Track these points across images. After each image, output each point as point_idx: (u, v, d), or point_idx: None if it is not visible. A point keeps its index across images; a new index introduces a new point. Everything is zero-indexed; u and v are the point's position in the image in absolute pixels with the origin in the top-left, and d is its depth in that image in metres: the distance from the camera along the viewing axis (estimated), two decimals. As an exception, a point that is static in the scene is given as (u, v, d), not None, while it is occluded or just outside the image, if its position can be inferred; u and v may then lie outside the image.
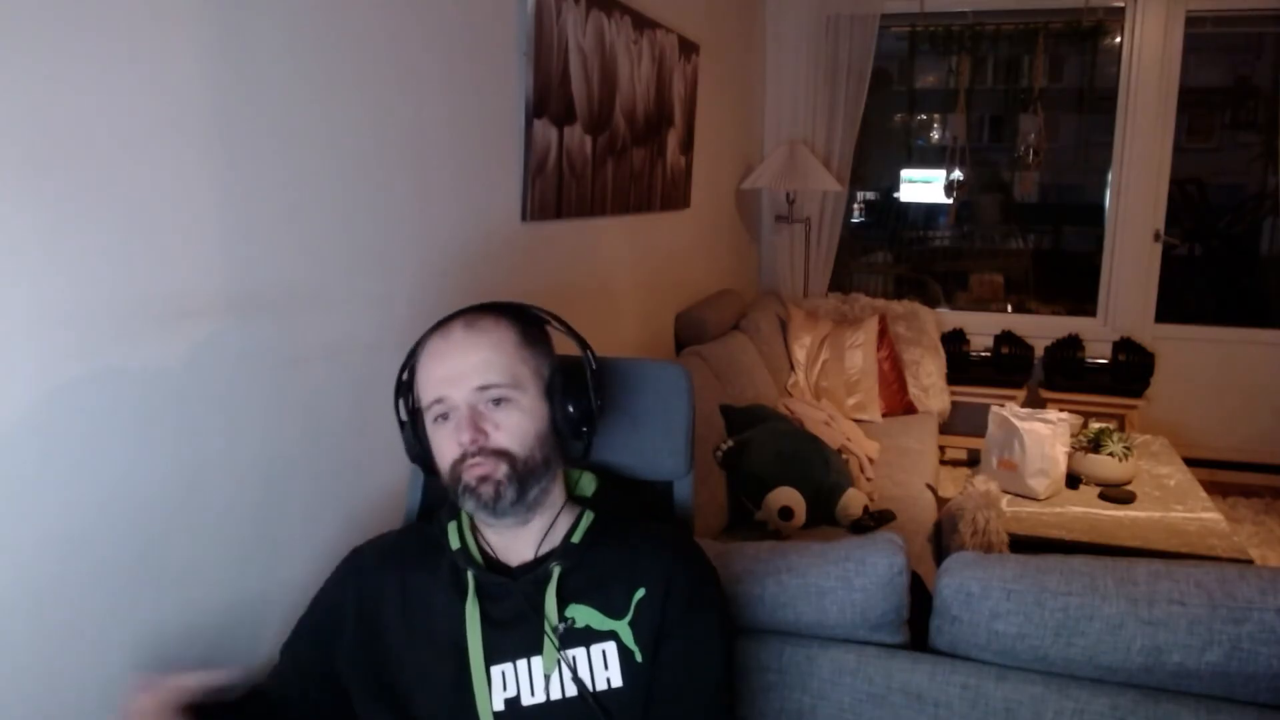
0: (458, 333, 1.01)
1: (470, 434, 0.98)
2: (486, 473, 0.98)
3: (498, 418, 0.99)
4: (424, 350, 1.03)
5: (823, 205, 4.23)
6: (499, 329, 1.02)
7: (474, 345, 1.00)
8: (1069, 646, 1.20)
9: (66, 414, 0.99)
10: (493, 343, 1.01)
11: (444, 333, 1.02)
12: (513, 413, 1.00)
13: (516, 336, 1.03)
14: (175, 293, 1.12)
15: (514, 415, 1.00)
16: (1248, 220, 4.97)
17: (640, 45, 2.56)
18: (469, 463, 0.98)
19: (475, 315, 1.04)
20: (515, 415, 1.00)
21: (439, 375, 1.00)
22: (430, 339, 1.03)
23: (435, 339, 1.03)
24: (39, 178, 0.94)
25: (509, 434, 0.99)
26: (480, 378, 0.99)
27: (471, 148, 1.80)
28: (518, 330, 1.04)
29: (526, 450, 1.00)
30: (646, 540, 1.07)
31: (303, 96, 1.31)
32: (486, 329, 1.02)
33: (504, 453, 0.99)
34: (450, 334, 1.02)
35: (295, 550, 1.35)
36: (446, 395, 0.99)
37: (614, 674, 1.00)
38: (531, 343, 1.05)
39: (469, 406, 0.99)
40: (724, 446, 2.52)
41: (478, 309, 1.05)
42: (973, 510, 2.22)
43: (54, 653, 1.00)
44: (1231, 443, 4.05)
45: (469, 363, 0.99)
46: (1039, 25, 4.19)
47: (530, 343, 1.04)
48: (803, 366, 3.67)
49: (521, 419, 1.00)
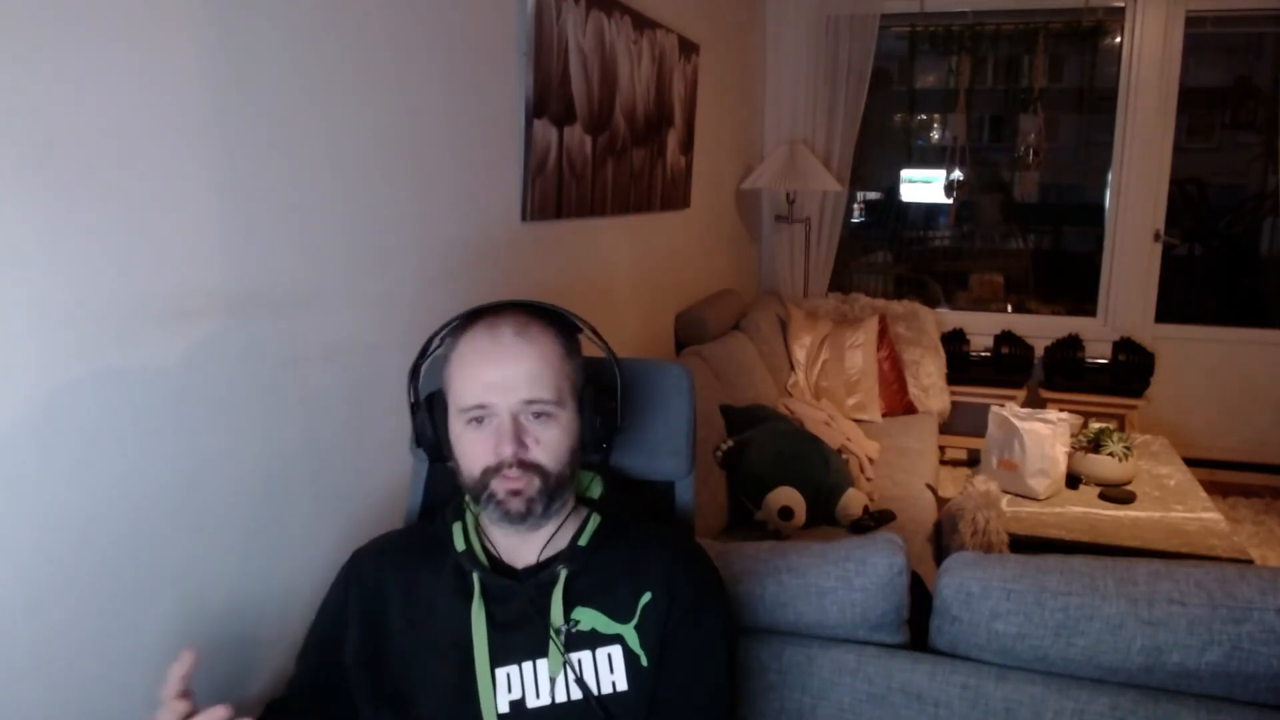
0: (508, 337, 0.98)
1: (513, 447, 0.96)
2: (520, 488, 0.97)
3: (538, 432, 0.98)
4: (468, 344, 1.00)
5: (823, 205, 4.23)
6: (546, 339, 1.00)
7: (525, 355, 0.98)
8: (1069, 646, 1.20)
9: (66, 414, 0.99)
10: (542, 354, 0.99)
11: (493, 334, 0.99)
12: (552, 428, 0.99)
13: (561, 349, 1.02)
14: (175, 293, 1.12)
15: (553, 431, 0.99)
16: (1248, 220, 4.97)
17: (640, 45, 2.56)
18: (504, 474, 0.97)
19: (525, 320, 1.01)
20: (554, 431, 0.99)
21: (487, 380, 0.97)
22: (475, 335, 1.00)
23: (483, 338, 0.99)
24: (39, 178, 0.94)
25: (547, 450, 0.98)
26: (529, 390, 0.97)
27: (471, 148, 1.80)
28: (562, 342, 1.02)
29: (560, 466, 1.00)
30: (651, 544, 1.07)
31: (303, 96, 1.31)
32: (536, 338, 0.99)
33: (539, 468, 0.98)
34: (500, 337, 0.98)
35: (295, 550, 1.35)
36: (492, 403, 0.97)
37: (619, 678, 1.00)
38: (571, 354, 1.03)
39: (513, 417, 0.97)
40: (724, 446, 2.52)
41: (523, 310, 1.02)
42: (973, 510, 2.22)
43: (54, 653, 1.00)
44: (1231, 443, 4.04)
45: (519, 373, 0.97)
46: (1039, 25, 4.18)
47: (570, 354, 1.03)
48: (803, 366, 3.67)
49: (559, 435, 1.00)
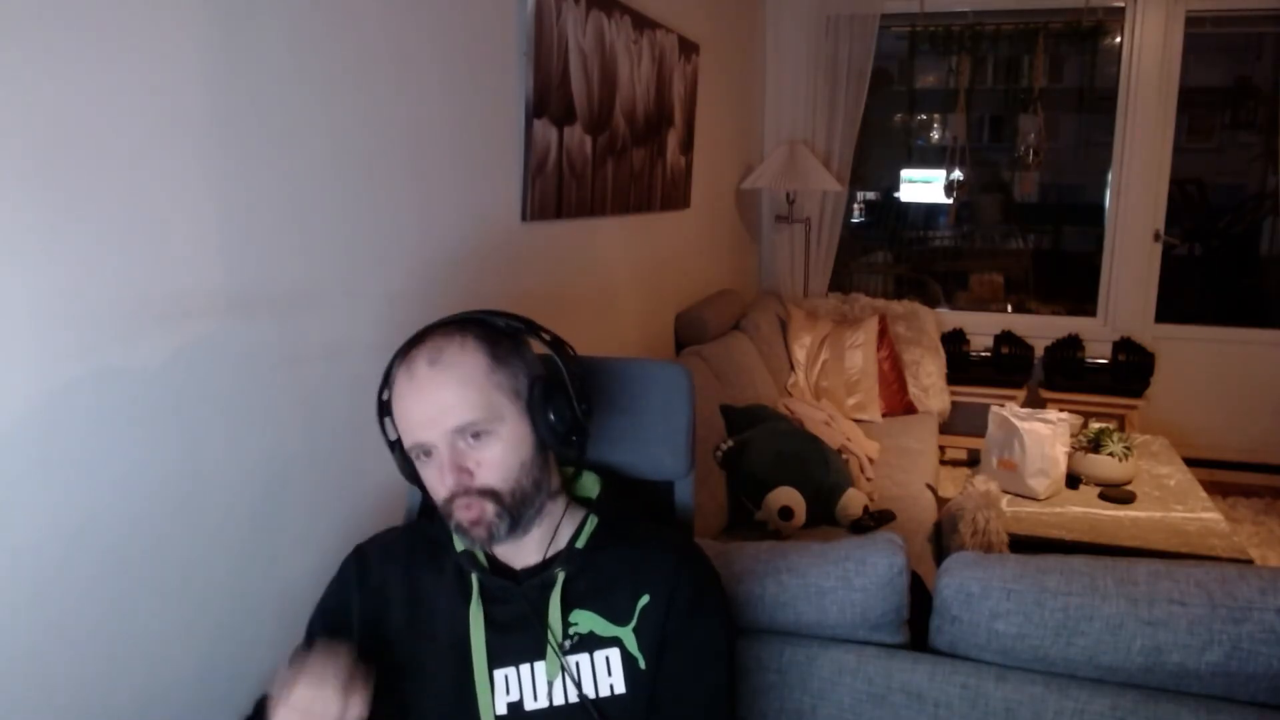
0: (422, 371, 0.95)
1: (454, 477, 0.95)
2: (476, 516, 0.96)
3: (479, 455, 0.95)
4: (398, 383, 0.97)
5: (823, 205, 4.23)
6: (465, 358, 0.96)
7: (441, 383, 0.94)
8: (1069, 646, 1.20)
9: (66, 414, 0.99)
10: (460, 378, 0.95)
11: (408, 370, 0.96)
12: (494, 446, 0.96)
13: (486, 361, 0.97)
14: (175, 293, 1.12)
15: (495, 449, 0.96)
16: (1248, 220, 4.97)
17: (640, 45, 2.56)
18: (458, 503, 0.96)
19: (439, 345, 0.96)
20: (496, 448, 0.96)
21: (414, 419, 0.95)
22: (398, 375, 0.98)
23: (401, 378, 0.97)
24: (39, 177, 0.94)
25: (491, 470, 0.96)
26: (454, 418, 0.94)
27: (471, 148, 1.80)
28: (486, 353, 0.97)
29: (512, 483, 0.97)
30: (650, 545, 1.06)
31: (303, 96, 1.31)
32: (451, 362, 0.95)
33: (490, 491, 0.96)
34: (414, 373, 0.95)
35: (295, 550, 1.35)
36: (426, 439, 0.95)
37: (617, 680, 1.00)
38: (503, 362, 0.98)
39: (449, 447, 0.95)
40: (724, 446, 2.52)
41: (441, 332, 0.98)
42: (973, 510, 2.22)
43: (53, 653, 1.00)
44: (1231, 443, 4.04)
45: (439, 404, 0.94)
46: (1039, 25, 4.19)
47: (501, 362, 0.98)
48: (803, 366, 3.67)
49: (504, 451, 0.96)
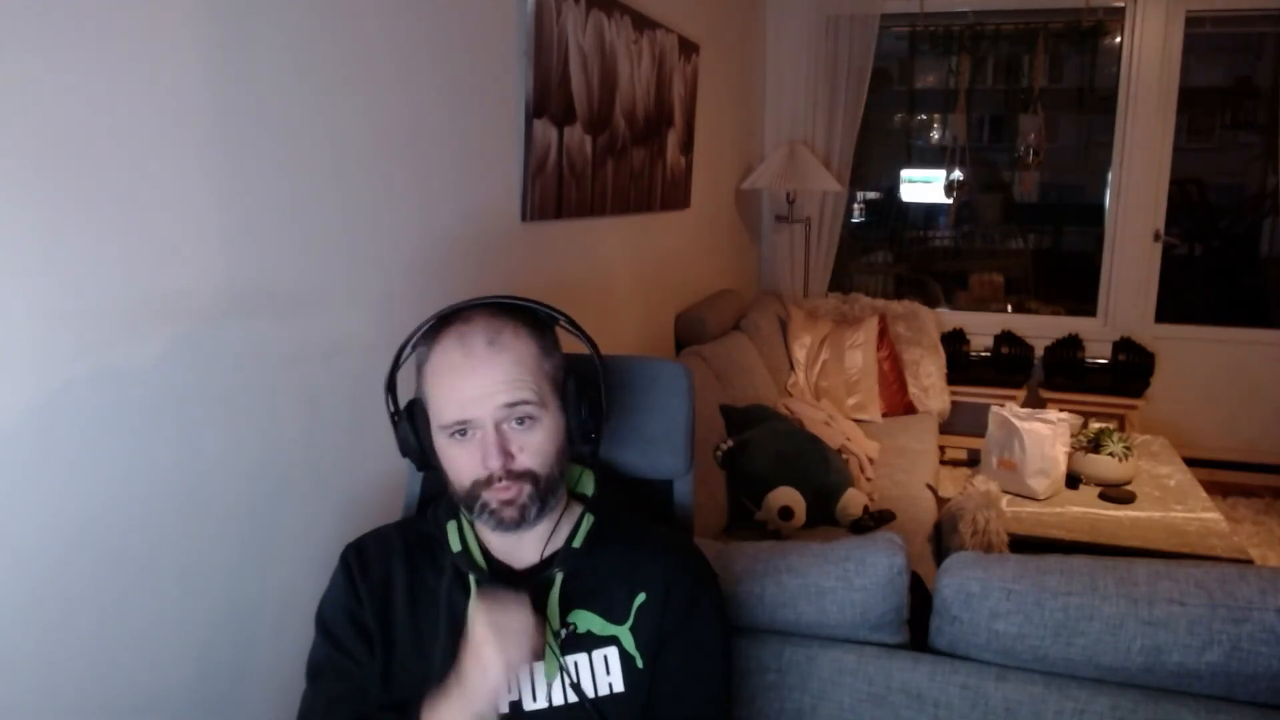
0: (480, 349, 0.95)
1: (500, 459, 0.94)
2: (512, 497, 0.95)
3: (523, 439, 0.96)
4: (440, 358, 0.96)
5: (823, 205, 4.23)
6: (520, 342, 0.97)
7: (499, 363, 0.94)
8: (1069, 646, 1.20)
9: (66, 414, 0.99)
10: (517, 358, 0.96)
11: (464, 347, 0.95)
12: (537, 432, 0.96)
13: (538, 348, 0.98)
14: (175, 292, 1.12)
15: (538, 435, 0.96)
16: (1248, 220, 4.97)
17: (640, 45, 2.56)
18: (495, 486, 0.95)
19: (497, 325, 0.97)
20: (539, 434, 0.97)
21: (463, 396, 0.94)
22: (446, 347, 0.96)
23: (454, 351, 0.95)
24: (39, 178, 0.94)
25: (533, 455, 0.96)
26: (509, 394, 0.94)
27: (471, 148, 1.79)
28: (538, 340, 0.99)
29: (549, 468, 0.98)
30: (646, 544, 1.06)
31: (303, 96, 1.31)
32: (508, 344, 0.96)
33: (529, 473, 0.96)
34: (472, 349, 0.95)
35: (294, 549, 1.35)
36: (472, 417, 0.94)
37: (615, 679, 1.00)
38: (549, 353, 1.00)
39: (496, 427, 0.94)
40: (724, 446, 2.52)
41: (494, 313, 0.98)
42: (973, 510, 2.22)
43: (53, 653, 1.00)
44: (1231, 443, 4.04)
45: (495, 380, 0.94)
46: (1039, 25, 4.19)
47: (548, 353, 1.00)
48: (803, 366, 3.67)
49: (545, 438, 0.97)
